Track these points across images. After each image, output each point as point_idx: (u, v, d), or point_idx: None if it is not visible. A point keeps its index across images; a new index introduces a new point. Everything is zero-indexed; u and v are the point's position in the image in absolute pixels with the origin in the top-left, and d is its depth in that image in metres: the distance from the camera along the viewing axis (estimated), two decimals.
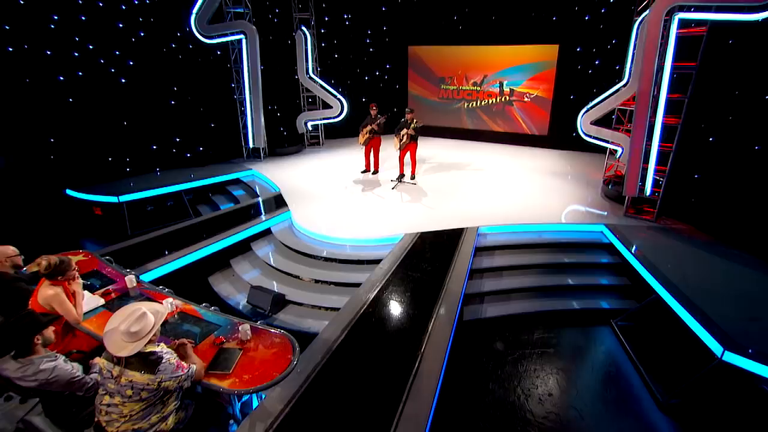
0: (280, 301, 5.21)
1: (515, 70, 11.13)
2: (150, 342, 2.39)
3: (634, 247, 5.50)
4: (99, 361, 2.34)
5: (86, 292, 3.34)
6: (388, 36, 12.21)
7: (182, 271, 5.40)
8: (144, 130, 8.45)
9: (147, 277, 4.80)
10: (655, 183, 6.15)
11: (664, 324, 4.57)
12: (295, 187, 7.96)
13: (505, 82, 11.37)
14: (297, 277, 5.63)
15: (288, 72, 10.84)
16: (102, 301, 3.30)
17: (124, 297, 3.38)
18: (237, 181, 8.85)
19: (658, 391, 3.96)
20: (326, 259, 5.82)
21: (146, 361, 2.32)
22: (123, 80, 7.94)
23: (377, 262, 5.29)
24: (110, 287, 3.50)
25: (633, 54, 7.17)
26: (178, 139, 9.05)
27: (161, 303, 3.24)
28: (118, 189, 7.26)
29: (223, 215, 6.84)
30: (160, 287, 3.64)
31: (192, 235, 5.94)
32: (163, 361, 2.35)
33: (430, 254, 5.35)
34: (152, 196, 7.48)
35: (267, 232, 6.59)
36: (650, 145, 5.93)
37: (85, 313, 3.08)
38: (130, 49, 7.96)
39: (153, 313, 2.46)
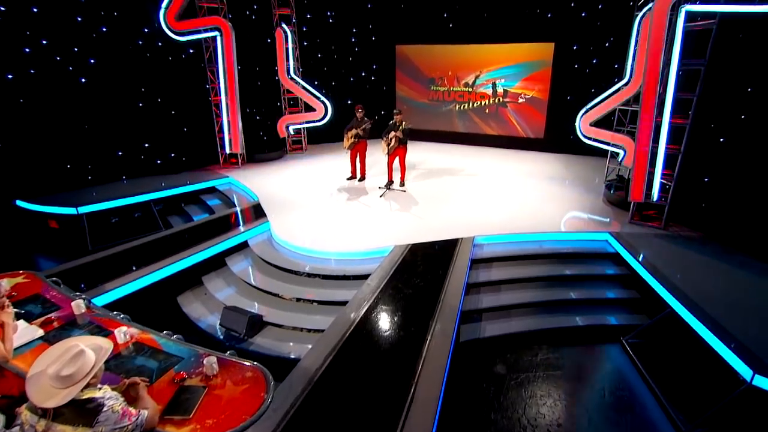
0: (256, 323, 4.88)
1: (509, 69, 11.07)
2: (89, 386, 2.05)
3: (642, 257, 5.33)
4: (22, 412, 1.99)
5: (21, 322, 2.97)
6: (374, 35, 12.09)
7: (147, 291, 5.04)
8: (108, 134, 8.09)
9: (103, 300, 4.43)
10: (663, 187, 6.01)
11: (681, 341, 4.34)
12: (276, 196, 7.75)
13: (498, 83, 11.31)
14: (276, 295, 5.33)
15: (268, 73, 10.62)
16: (40, 332, 2.93)
17: (68, 326, 3.02)
18: (212, 190, 8.62)
19: (678, 419, 3.72)
20: (309, 275, 5.55)
21: (82, 411, 1.97)
22: (83, 80, 7.57)
23: (365, 277, 5.04)
24: (53, 314, 3.13)
25: (634, 51, 7.09)
26: (147, 145, 8.71)
27: (113, 332, 2.89)
28: (77, 199, 6.91)
29: (196, 227, 6.55)
30: (115, 313, 3.28)
31: (160, 250, 5.62)
32: (105, 409, 2.01)
33: (423, 267, 5.12)
34: (117, 207, 7.14)
35: (243, 246, 6.32)
36: (657, 147, 5.79)
37: (17, 348, 2.71)
38: (90, 46, 7.60)
39: (94, 350, 2.12)
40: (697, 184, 6.10)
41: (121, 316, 3.21)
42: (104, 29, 7.71)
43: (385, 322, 4.13)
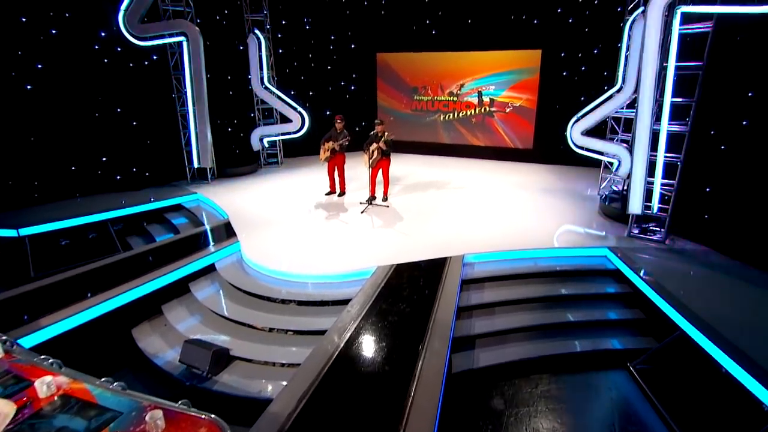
0: (222, 358, 4.47)
1: (495, 78, 11.09)
2: None
3: (644, 273, 5.13)
4: None
5: None
6: (354, 42, 12.07)
7: (96, 324, 4.60)
8: (59, 147, 7.67)
9: (38, 339, 3.99)
10: (662, 198, 5.88)
11: (695, 367, 4.09)
12: (248, 214, 7.48)
13: (484, 92, 11.31)
14: (246, 325, 4.95)
15: (240, 82, 10.44)
16: None
17: None
18: (178, 208, 8.34)
19: None
20: (283, 301, 5.21)
21: None
22: (29, 87, 7.14)
23: (345, 302, 4.72)
24: None
25: (626, 56, 7.10)
26: (105, 159, 8.32)
27: (34, 383, 2.46)
28: (18, 220, 6.45)
29: (157, 249, 6.18)
30: (43, 357, 2.85)
31: (114, 275, 5.23)
32: None
33: (409, 290, 4.84)
34: (68, 228, 6.70)
35: (210, 270, 5.97)
36: (655, 156, 5.66)
37: None
38: (37, 50, 7.22)
39: None
40: (698, 195, 5.99)
41: (50, 361, 2.78)
42: (54, 32, 7.36)
43: (367, 354, 3.79)
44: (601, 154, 7.62)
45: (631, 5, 7.09)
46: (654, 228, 6.21)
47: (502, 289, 5.51)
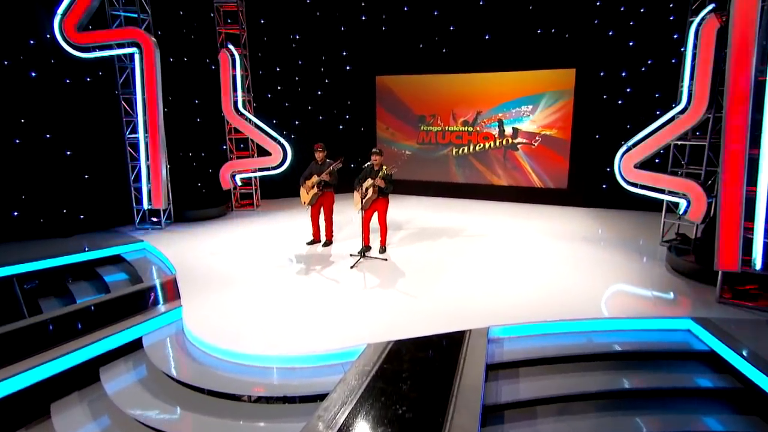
0: None
1: (519, 103, 10.95)
2: None
3: (756, 359, 4.17)
4: None
5: None
6: (349, 63, 12.03)
7: None
8: None
9: None
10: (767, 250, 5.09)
11: None
12: (204, 269, 7.05)
13: (505, 120, 11.17)
14: None
15: (210, 107, 10.26)
16: None
17: None
18: (117, 260, 7.83)
19: None
20: (234, 397, 4.41)
21: None
22: None
23: (320, 398, 4.04)
24: None
25: (692, 68, 6.67)
26: (23, 197, 7.80)
27: None
28: None
29: (63, 317, 5.42)
30: None
31: None
32: None
33: (412, 382, 4.02)
34: None
35: (135, 347, 5.14)
36: (754, 193, 4.93)
37: None
38: None
39: None
40: None
41: None
42: None
43: None
44: (664, 192, 7.11)
45: (696, 4, 6.70)
46: (755, 291, 5.38)
47: (544, 380, 4.68)
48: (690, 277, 6.26)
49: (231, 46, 9.70)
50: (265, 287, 6.31)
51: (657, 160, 8.32)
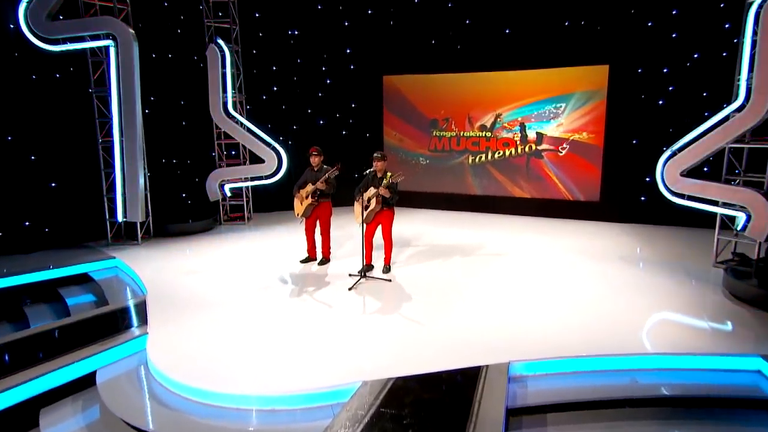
0: None
1: (543, 104, 10.87)
2: None
3: None
4: None
5: None
6: (354, 62, 12.01)
7: None
8: None
9: None
10: None
11: None
12: (180, 290, 6.93)
13: (528, 125, 11.07)
14: None
15: (198, 109, 10.26)
16: None
17: None
18: (84, 279, 7.69)
19: None
20: None
21: None
22: None
23: None
24: None
25: (750, 58, 6.47)
26: None
27: None
28: None
29: (5, 347, 5.14)
30: None
31: None
32: None
33: (415, 430, 3.77)
34: None
35: (86, 384, 4.84)
36: None
37: None
38: None
39: None
40: None
41: None
42: None
43: None
44: (715, 204, 6.89)
45: None
46: None
47: (578, 428, 4.39)
48: (753, 304, 5.92)
49: (221, 41, 9.70)
50: (248, 312, 6.16)
51: (705, 169, 8.14)
